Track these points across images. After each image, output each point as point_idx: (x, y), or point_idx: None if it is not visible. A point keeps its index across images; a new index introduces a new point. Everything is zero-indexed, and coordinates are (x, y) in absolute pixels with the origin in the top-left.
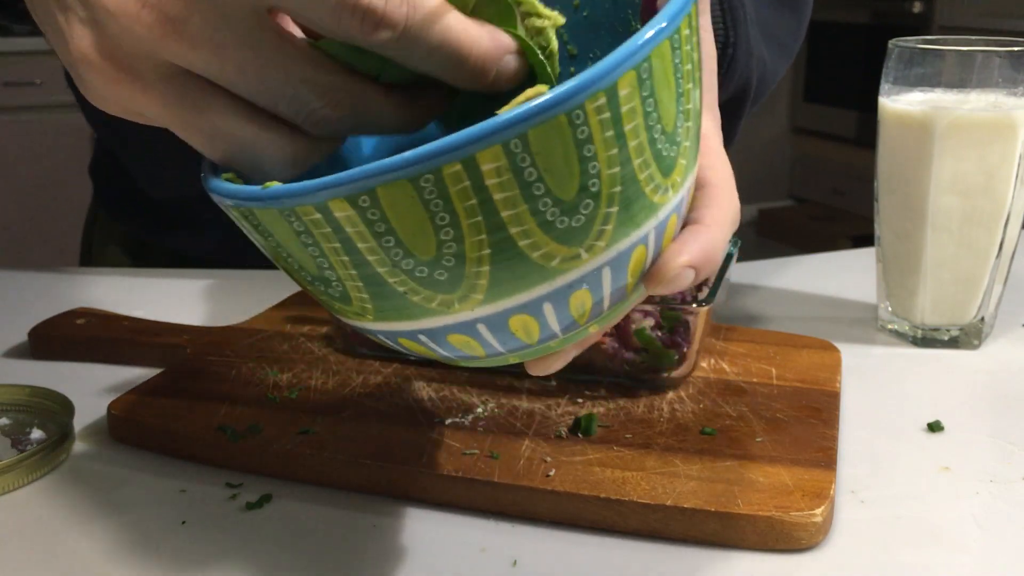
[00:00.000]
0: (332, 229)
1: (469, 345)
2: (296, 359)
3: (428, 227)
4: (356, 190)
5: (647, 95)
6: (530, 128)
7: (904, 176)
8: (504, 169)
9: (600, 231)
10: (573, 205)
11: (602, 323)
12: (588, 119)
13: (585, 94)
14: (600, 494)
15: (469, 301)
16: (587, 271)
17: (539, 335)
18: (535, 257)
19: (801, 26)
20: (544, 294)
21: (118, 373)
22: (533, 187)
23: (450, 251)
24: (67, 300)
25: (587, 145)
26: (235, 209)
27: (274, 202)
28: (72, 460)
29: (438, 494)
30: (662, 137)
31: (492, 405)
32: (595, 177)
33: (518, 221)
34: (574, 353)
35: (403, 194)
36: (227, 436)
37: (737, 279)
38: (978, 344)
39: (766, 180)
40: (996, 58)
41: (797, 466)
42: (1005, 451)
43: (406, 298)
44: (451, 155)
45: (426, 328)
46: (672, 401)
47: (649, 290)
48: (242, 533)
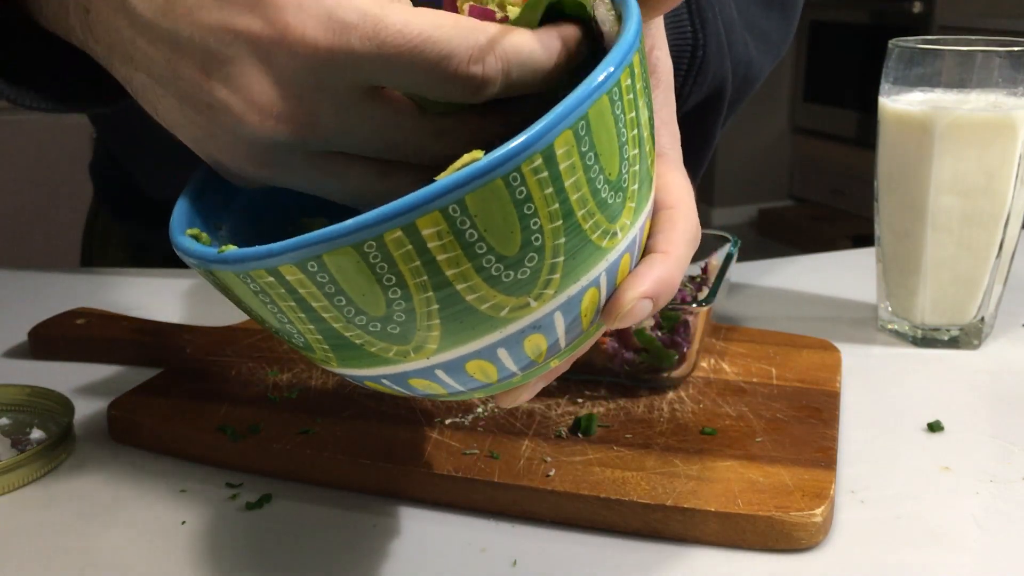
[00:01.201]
0: (286, 290)
1: (430, 387)
2: (296, 359)
3: (376, 288)
4: (303, 256)
5: (586, 150)
6: (467, 193)
7: (904, 176)
8: (445, 232)
9: (547, 280)
10: (517, 260)
11: (562, 357)
12: (526, 180)
13: (520, 158)
14: (600, 494)
15: (424, 351)
16: (538, 317)
17: (497, 376)
18: (483, 309)
19: (790, 23)
20: (496, 341)
21: (118, 373)
22: (475, 247)
23: (400, 307)
24: (67, 300)
25: (527, 204)
26: (198, 268)
27: (229, 266)
28: (72, 460)
29: (438, 494)
30: (606, 187)
31: (492, 405)
32: (537, 232)
33: (463, 278)
34: (542, 384)
35: (348, 259)
36: (227, 436)
37: (737, 279)
38: (978, 344)
39: (766, 180)
40: (996, 58)
41: (797, 466)
42: (1005, 451)
43: (363, 349)
44: (391, 222)
45: (387, 374)
46: (672, 401)
47: (608, 325)
48: (242, 533)
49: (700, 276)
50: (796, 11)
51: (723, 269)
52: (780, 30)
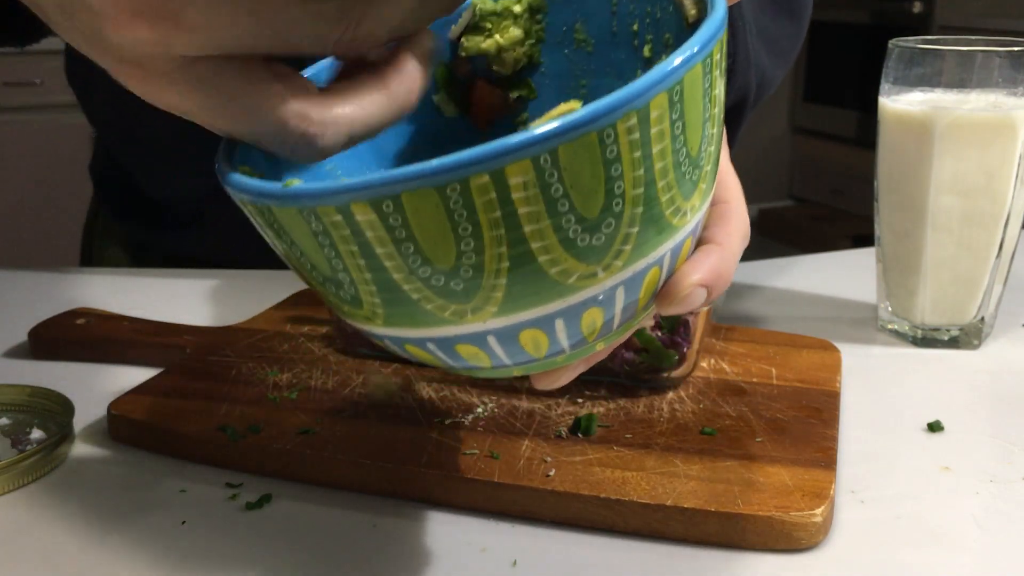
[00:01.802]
0: (351, 232)
1: (477, 356)
2: (296, 359)
3: (449, 237)
4: (381, 195)
5: (676, 118)
6: (561, 144)
7: (904, 176)
8: (531, 184)
9: (619, 251)
10: (595, 224)
11: (609, 340)
12: (618, 139)
13: (618, 113)
14: (600, 494)
15: (482, 313)
16: (602, 290)
17: (547, 350)
18: (553, 273)
19: (800, 32)
20: (558, 310)
21: (118, 373)
22: (558, 203)
23: (469, 262)
24: (67, 300)
25: (614, 165)
26: (251, 205)
27: (294, 201)
28: (72, 460)
29: (438, 494)
30: (686, 161)
31: (492, 405)
32: (619, 197)
33: (540, 236)
34: (581, 369)
35: (428, 202)
36: (227, 436)
37: (737, 279)
38: (978, 344)
39: (766, 180)
40: (996, 58)
41: (797, 466)
42: (1005, 451)
43: (419, 305)
44: (480, 166)
45: (436, 336)
46: (672, 401)
47: (661, 309)
48: (242, 533)
49: None
50: (805, 19)
51: None
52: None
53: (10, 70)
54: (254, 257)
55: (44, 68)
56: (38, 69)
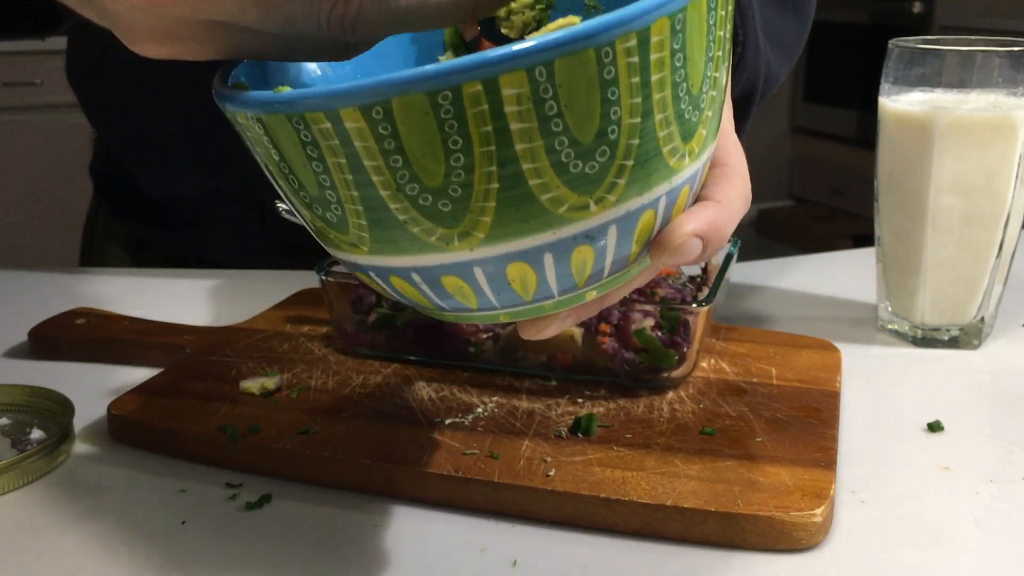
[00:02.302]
0: (340, 142)
1: (462, 291)
2: (296, 359)
3: (439, 150)
4: (371, 100)
5: (677, 48)
6: (557, 57)
7: (904, 176)
8: (525, 97)
9: (612, 183)
10: (589, 150)
11: (600, 290)
12: (616, 59)
13: (617, 31)
14: (600, 494)
15: (469, 239)
16: (594, 225)
17: (535, 291)
18: (544, 199)
19: (804, 29)
20: (547, 243)
21: (118, 373)
22: (552, 122)
23: (458, 180)
24: (67, 300)
25: (611, 87)
26: (242, 117)
27: (285, 107)
28: (72, 460)
29: (438, 494)
30: (686, 98)
31: (492, 405)
32: (615, 124)
33: (532, 157)
34: (570, 321)
35: (418, 109)
36: (227, 436)
37: (737, 279)
38: (978, 344)
39: (766, 180)
40: (996, 58)
41: (797, 466)
42: (1005, 451)
43: (405, 228)
44: (473, 73)
45: (421, 266)
46: (672, 401)
47: (653, 258)
48: (242, 533)
49: (700, 276)
50: (809, 15)
51: (723, 269)
52: (795, 33)
53: (10, 70)
54: (254, 257)
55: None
56: (38, 69)
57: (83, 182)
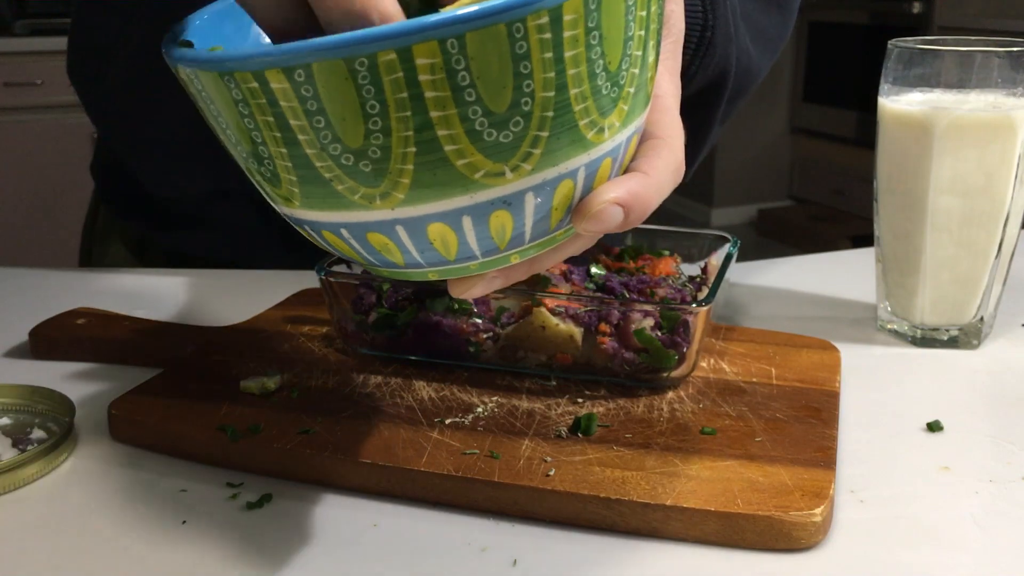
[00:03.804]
0: (267, 101)
1: (388, 248)
2: (296, 359)
3: (358, 113)
4: (292, 62)
5: (592, 27)
6: (468, 31)
7: (904, 176)
8: (438, 67)
9: (527, 153)
10: (503, 119)
11: (524, 255)
12: (528, 35)
13: (528, 8)
14: (600, 494)
15: (390, 199)
16: (509, 192)
17: (457, 251)
18: (459, 165)
19: (787, 22)
20: (464, 206)
21: (118, 373)
22: (465, 92)
23: (377, 142)
24: (67, 300)
25: (523, 61)
26: (182, 71)
27: (215, 65)
28: (72, 460)
29: (438, 494)
30: (603, 75)
31: (492, 405)
32: (528, 96)
33: (446, 124)
34: (498, 283)
35: (336, 74)
36: (227, 436)
37: (737, 279)
38: (977, 344)
39: (766, 180)
40: (995, 58)
41: (797, 466)
42: (1005, 451)
43: (331, 186)
44: (387, 42)
45: (348, 222)
46: (672, 401)
47: (575, 225)
48: (242, 533)
49: (700, 276)
50: (793, 10)
51: (723, 269)
52: (777, 27)
53: (11, 70)
54: (256, 255)
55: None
56: (38, 69)
57: (84, 182)
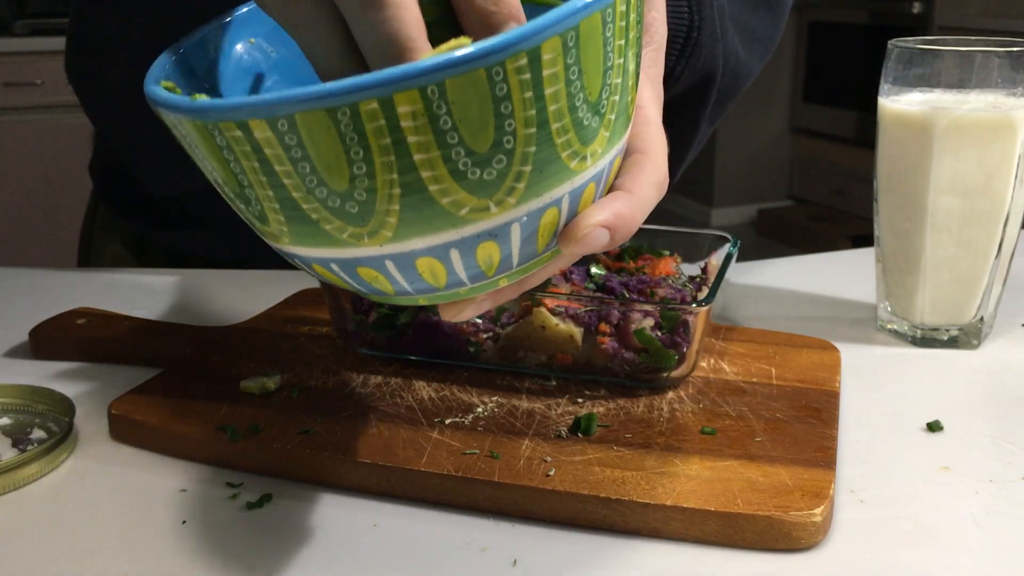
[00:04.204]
0: (252, 148)
1: (378, 280)
2: (296, 359)
3: (342, 159)
4: (275, 113)
5: (571, 63)
6: (448, 78)
7: (904, 176)
8: (419, 114)
9: (512, 188)
10: (486, 158)
11: (513, 278)
12: (508, 77)
13: (507, 52)
14: (600, 494)
15: (378, 237)
16: (495, 225)
17: (447, 280)
18: (444, 203)
19: (777, 24)
20: (451, 241)
21: (118, 373)
22: (447, 135)
23: (362, 185)
24: (67, 300)
25: (504, 103)
26: (166, 117)
27: (199, 115)
28: (72, 460)
29: (438, 494)
30: (584, 106)
31: (492, 405)
32: (510, 135)
33: (430, 166)
34: (488, 305)
35: (320, 124)
36: (227, 436)
37: (737, 279)
38: (977, 344)
39: (766, 180)
40: (995, 58)
41: (797, 466)
42: (1005, 451)
43: (319, 226)
44: (369, 92)
45: (337, 258)
46: (672, 401)
47: (562, 248)
48: (242, 533)
49: (700, 276)
50: (783, 11)
51: (723, 269)
52: (766, 28)
53: (11, 70)
54: (255, 254)
55: (44, 68)
56: (39, 70)
57: (83, 182)
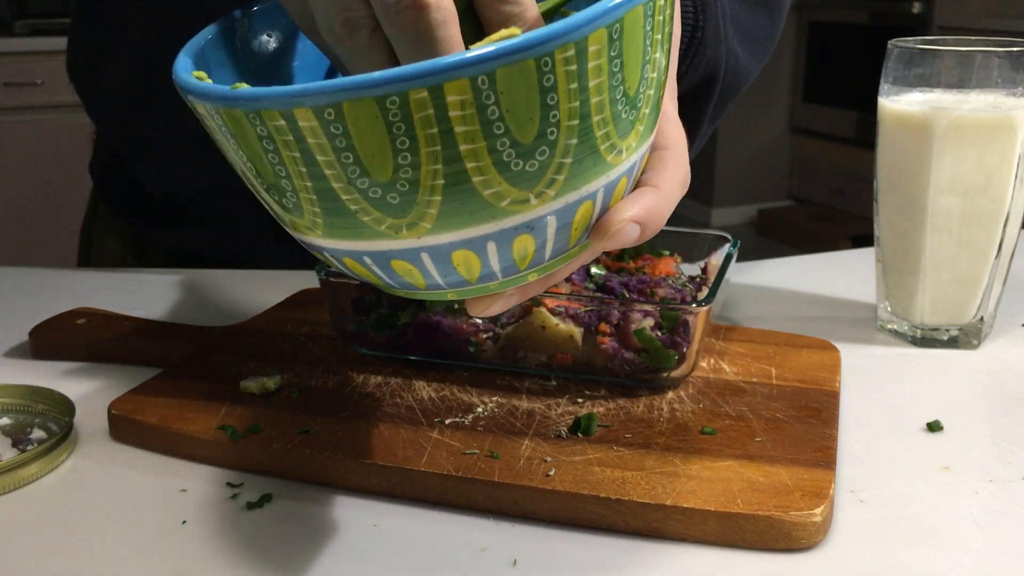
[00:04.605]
0: (294, 138)
1: (411, 273)
2: (296, 359)
3: (387, 149)
4: (323, 102)
5: (614, 55)
6: (498, 67)
7: (904, 176)
8: (468, 103)
9: (552, 179)
10: (530, 150)
11: (542, 272)
12: (555, 68)
13: (556, 43)
14: (600, 494)
15: (417, 229)
16: (533, 217)
17: (479, 273)
18: (486, 195)
19: (776, 25)
20: (489, 233)
21: (118, 373)
22: (494, 125)
23: (405, 176)
24: (67, 300)
25: (550, 93)
26: (201, 107)
27: (241, 104)
28: (72, 460)
29: (438, 494)
30: (623, 99)
31: (492, 405)
32: (554, 126)
33: (475, 156)
34: (515, 299)
35: (367, 112)
36: (227, 436)
37: (737, 279)
38: (977, 344)
39: (766, 180)
40: (995, 58)
41: (797, 466)
42: (1005, 451)
43: (356, 217)
44: (419, 81)
45: (372, 250)
46: (672, 401)
47: (593, 243)
48: (242, 533)
49: (700, 276)
50: (781, 12)
51: (723, 269)
52: (765, 29)
53: (10, 70)
54: (255, 253)
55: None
56: (39, 69)
57: (83, 181)
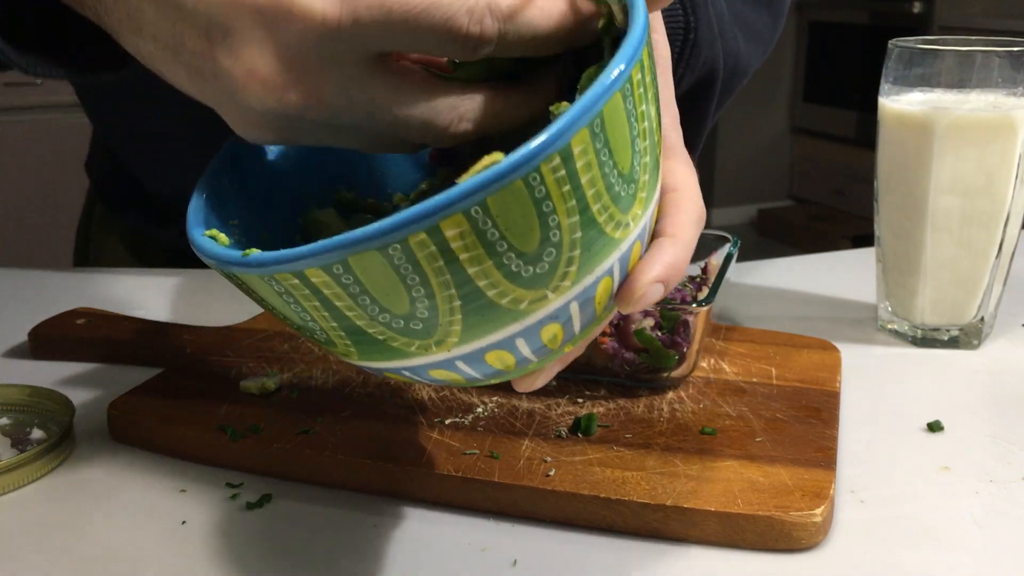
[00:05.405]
0: (310, 291)
1: (450, 376)
2: (296, 359)
3: (400, 287)
4: (329, 260)
5: (600, 147)
6: (488, 196)
7: (904, 176)
8: (467, 233)
9: (564, 272)
10: (536, 255)
11: (576, 343)
12: (544, 180)
13: (539, 158)
14: (600, 494)
15: (445, 344)
16: (555, 308)
17: (515, 363)
18: (504, 303)
19: (777, 21)
20: (515, 332)
21: (118, 373)
22: (496, 245)
23: (423, 305)
24: (67, 300)
25: (545, 202)
26: (218, 269)
27: (253, 269)
28: (72, 460)
29: (438, 494)
30: (619, 180)
31: (492, 405)
32: (555, 229)
33: (485, 275)
34: (558, 368)
35: (373, 262)
36: (227, 436)
37: (737, 279)
38: (978, 344)
39: (766, 180)
40: (996, 58)
41: (797, 466)
42: (1005, 451)
43: (386, 344)
44: (415, 226)
45: (408, 366)
46: (672, 401)
47: (622, 310)
48: (242, 533)
49: (700, 276)
50: (782, 7)
51: (723, 269)
52: (767, 25)
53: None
54: None
55: None
56: None
57: (83, 182)
